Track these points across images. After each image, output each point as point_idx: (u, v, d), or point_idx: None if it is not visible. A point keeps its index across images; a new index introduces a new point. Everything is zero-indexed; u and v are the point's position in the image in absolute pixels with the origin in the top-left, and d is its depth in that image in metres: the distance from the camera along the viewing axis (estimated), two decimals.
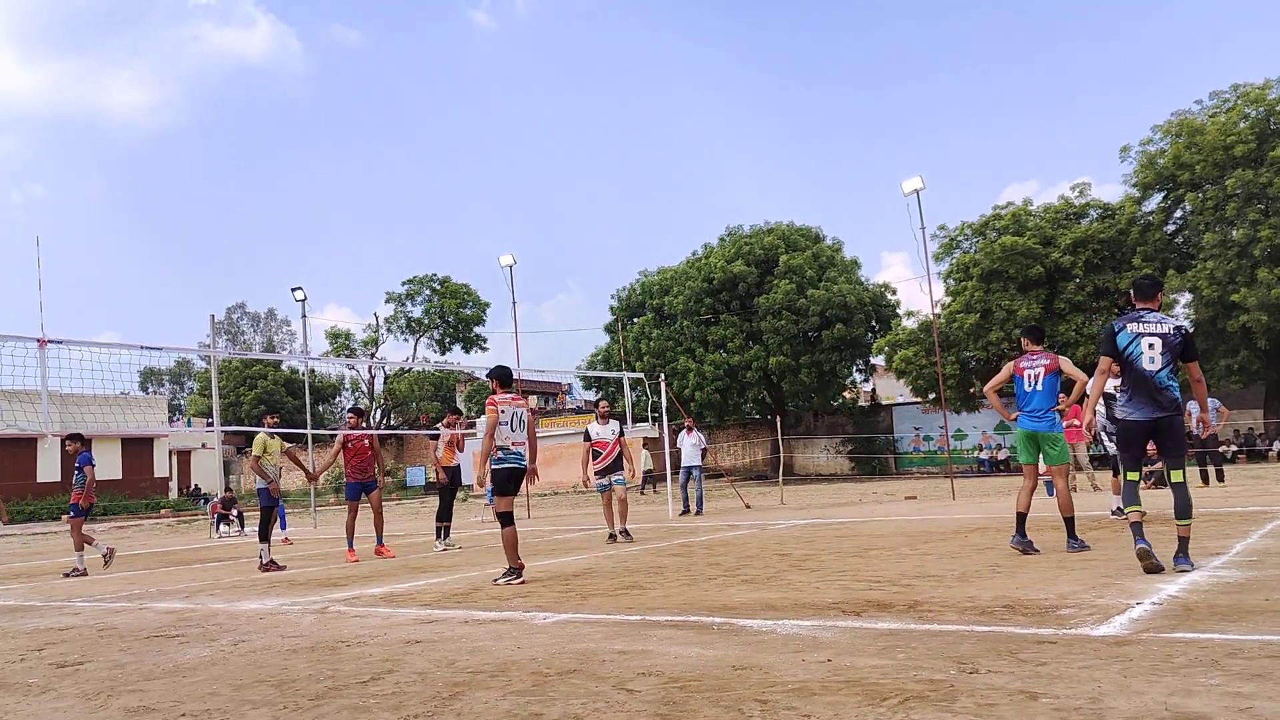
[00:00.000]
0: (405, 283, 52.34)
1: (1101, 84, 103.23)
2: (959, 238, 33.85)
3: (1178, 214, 30.70)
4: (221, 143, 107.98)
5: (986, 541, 9.06)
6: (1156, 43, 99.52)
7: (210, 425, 41.80)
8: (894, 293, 39.61)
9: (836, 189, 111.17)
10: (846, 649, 4.35)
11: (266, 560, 10.92)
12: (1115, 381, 8.26)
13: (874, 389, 47.82)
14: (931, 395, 33.98)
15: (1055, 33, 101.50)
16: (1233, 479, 18.18)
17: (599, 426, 12.13)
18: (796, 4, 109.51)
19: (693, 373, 37.44)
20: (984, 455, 35.66)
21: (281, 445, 11.68)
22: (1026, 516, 7.91)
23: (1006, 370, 8.22)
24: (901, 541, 9.56)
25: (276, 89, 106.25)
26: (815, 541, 10.17)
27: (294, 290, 27.18)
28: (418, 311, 52.56)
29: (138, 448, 42.95)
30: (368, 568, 10.37)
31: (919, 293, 65.36)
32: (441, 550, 12.31)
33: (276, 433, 11.74)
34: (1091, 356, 27.77)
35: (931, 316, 26.38)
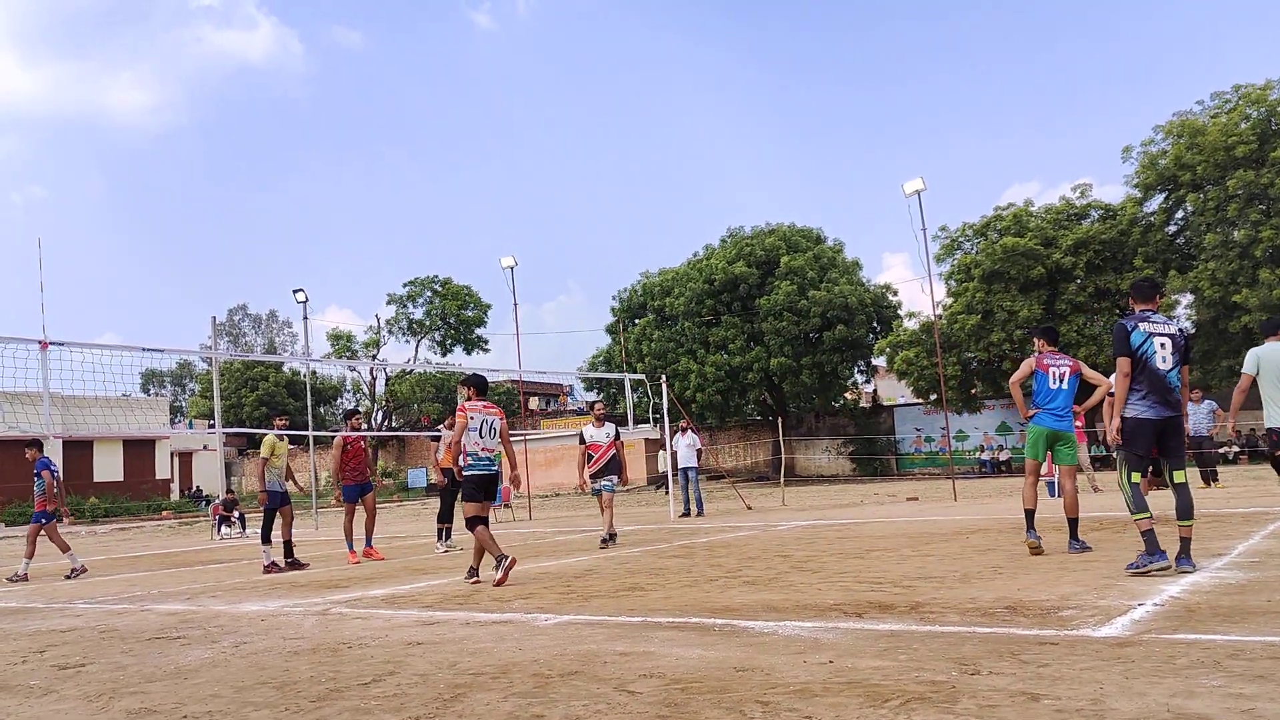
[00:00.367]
0: (406, 284, 52.39)
1: (1102, 84, 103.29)
2: (960, 239, 33.85)
3: (1179, 215, 30.70)
4: (223, 144, 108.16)
5: (988, 543, 9.06)
6: (1157, 43, 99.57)
7: (212, 427, 41.81)
8: (895, 294, 39.64)
9: (837, 190, 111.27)
10: (848, 650, 4.35)
11: (269, 561, 10.92)
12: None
13: (875, 390, 47.81)
14: (933, 396, 33.97)
15: (1056, 33, 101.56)
16: (1234, 480, 18.16)
17: (594, 429, 11.98)
18: (797, 4, 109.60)
19: (694, 374, 37.45)
20: (985, 456, 35.64)
21: (286, 448, 11.70)
22: (1035, 512, 7.92)
23: (1028, 366, 8.11)
24: (903, 543, 9.56)
25: (278, 90, 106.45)
26: (817, 543, 10.16)
27: (295, 292, 27.20)
28: (419, 313, 52.59)
29: (139, 449, 42.97)
30: (369, 569, 10.37)
31: (920, 294, 65.37)
32: (443, 552, 12.31)
33: (285, 434, 11.76)
34: (1092, 357, 27.77)
35: (933, 317, 26.37)
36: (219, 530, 21.10)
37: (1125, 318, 6.65)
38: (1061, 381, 7.96)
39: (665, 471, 27.32)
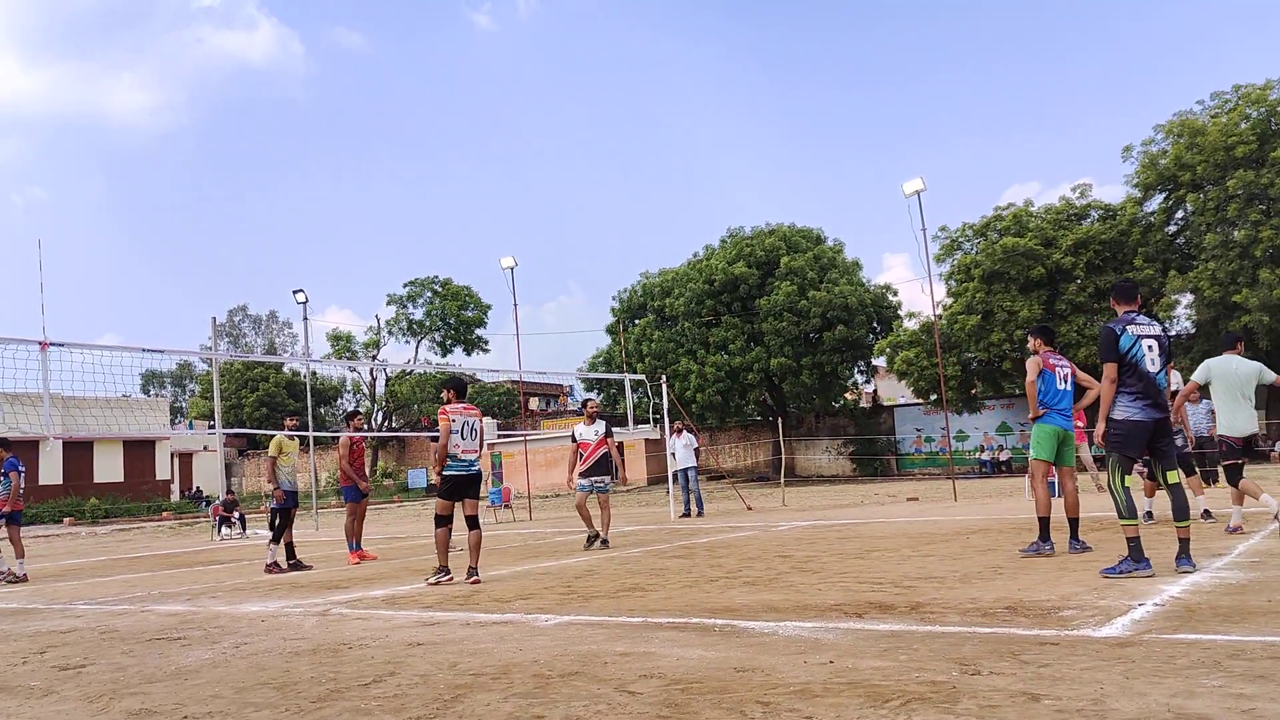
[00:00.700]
0: (406, 285, 52.38)
1: (1102, 84, 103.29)
2: (960, 239, 33.86)
3: (1179, 215, 30.71)
4: (223, 145, 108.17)
5: (988, 543, 9.06)
6: (1158, 43, 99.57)
7: (212, 428, 41.80)
8: (895, 294, 39.63)
9: (838, 190, 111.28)
10: (848, 651, 4.35)
11: (271, 561, 10.90)
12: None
13: (875, 390, 47.81)
14: (933, 396, 33.97)
15: (1056, 33, 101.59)
16: None
17: (584, 427, 11.73)
18: (797, 6, 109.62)
19: (694, 374, 37.44)
20: (986, 457, 35.63)
21: (297, 448, 11.72)
22: (1050, 518, 7.91)
23: (1037, 366, 8.08)
24: (903, 543, 9.56)
25: (278, 91, 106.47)
26: (817, 543, 10.16)
27: (295, 292, 27.22)
28: (419, 313, 52.60)
29: (139, 450, 42.99)
30: (369, 570, 10.37)
31: (920, 294, 65.35)
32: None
33: (296, 436, 11.77)
34: (1093, 358, 27.77)
35: (933, 318, 26.37)
36: (219, 531, 21.11)
37: (1112, 321, 6.61)
38: (1066, 382, 8.00)
39: (675, 471, 27.24)
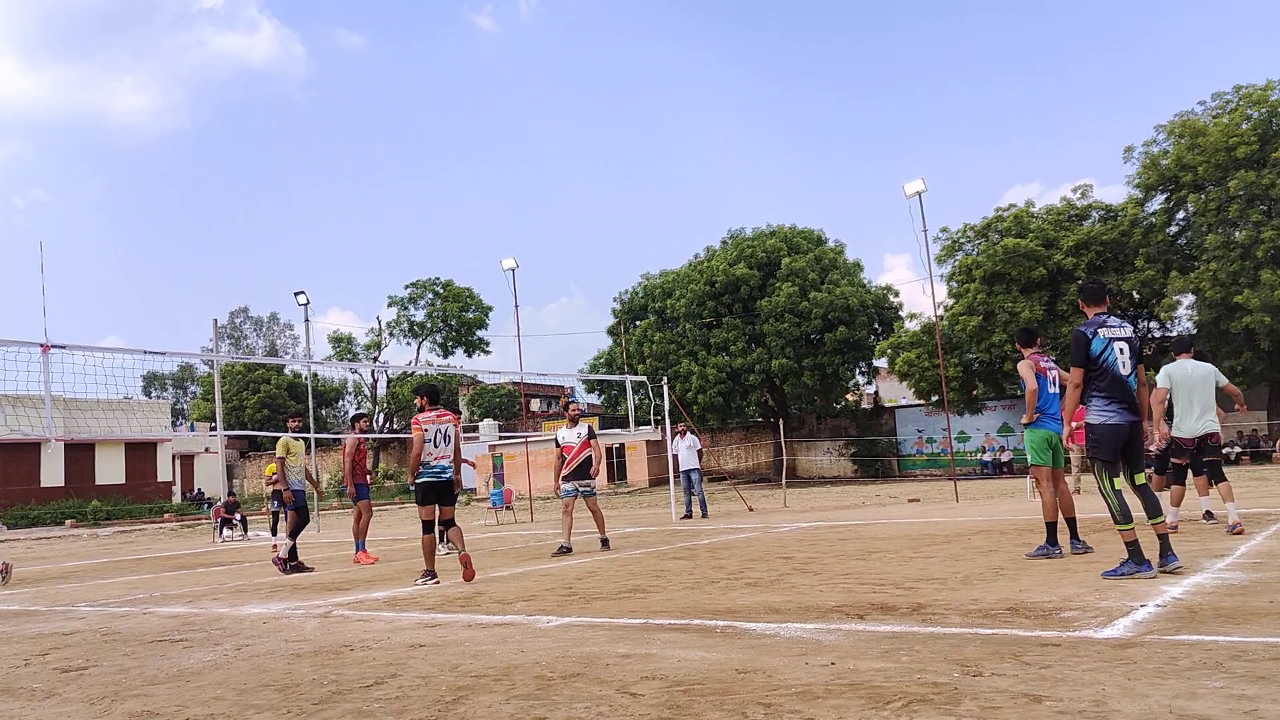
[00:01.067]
0: (408, 286, 52.46)
1: (1104, 85, 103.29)
2: (961, 240, 33.87)
3: (1180, 215, 30.72)
4: (224, 147, 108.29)
5: (990, 544, 9.05)
6: (1159, 44, 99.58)
7: (213, 429, 41.80)
8: (896, 295, 39.69)
9: (838, 191, 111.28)
10: (850, 652, 4.35)
11: (284, 553, 10.88)
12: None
13: (876, 391, 47.82)
14: (934, 397, 33.96)
15: (1057, 34, 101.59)
16: (1236, 481, 18.13)
17: (566, 430, 11.51)
18: (798, 9, 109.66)
19: (695, 376, 37.44)
20: (987, 457, 35.62)
21: (303, 448, 11.73)
22: (1058, 522, 7.88)
23: (1032, 369, 8.07)
24: (905, 544, 9.55)
25: (280, 93, 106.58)
26: (818, 544, 10.16)
27: (297, 294, 27.23)
28: (420, 315, 52.64)
29: (141, 452, 43.00)
30: (371, 572, 10.38)
31: (921, 295, 65.49)
32: (444, 554, 12.31)
33: (301, 437, 11.78)
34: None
35: (934, 319, 26.37)
36: (221, 533, 21.11)
37: (1083, 324, 6.56)
38: (1055, 384, 7.95)
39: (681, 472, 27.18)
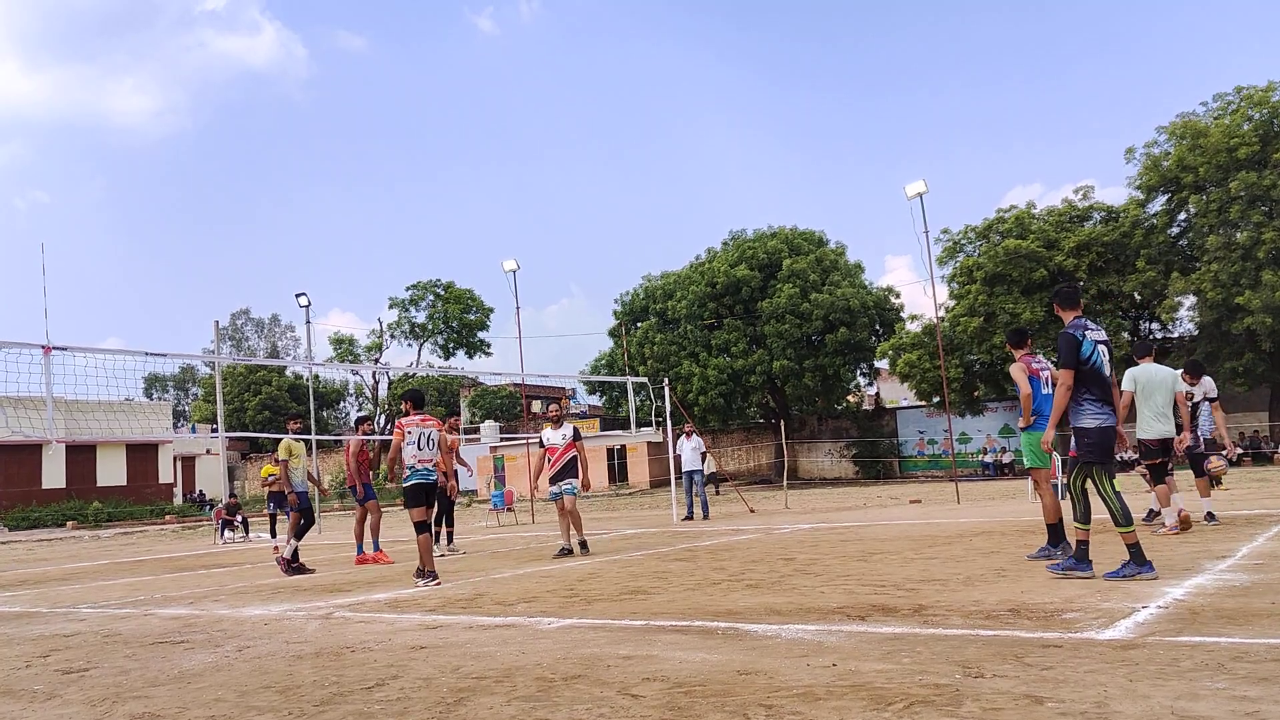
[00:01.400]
0: (409, 288, 52.49)
1: (1105, 87, 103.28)
2: (962, 241, 33.85)
3: (1181, 216, 30.69)
4: (225, 149, 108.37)
5: (991, 545, 9.04)
6: (1160, 45, 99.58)
7: (214, 431, 41.80)
8: (898, 296, 39.66)
9: (840, 193, 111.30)
10: (851, 653, 4.34)
11: (289, 554, 10.88)
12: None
13: (878, 393, 47.79)
14: (935, 399, 33.95)
15: (1058, 36, 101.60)
16: (1237, 482, 18.13)
17: (551, 431, 11.41)
18: (799, 10, 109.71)
19: (696, 377, 37.44)
20: (988, 459, 35.59)
21: (303, 449, 11.73)
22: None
23: (1025, 372, 8.03)
24: (906, 546, 9.55)
25: (281, 95, 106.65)
26: (819, 546, 10.15)
27: (298, 296, 27.23)
28: (421, 317, 52.68)
29: (142, 454, 43.01)
30: (372, 573, 10.38)
31: (923, 296, 65.55)
32: (439, 555, 12.31)
33: (301, 439, 11.78)
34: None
35: (935, 320, 26.36)
36: (222, 534, 21.11)
37: (1069, 327, 6.51)
38: (1049, 385, 7.88)
39: (712, 472, 27.12)
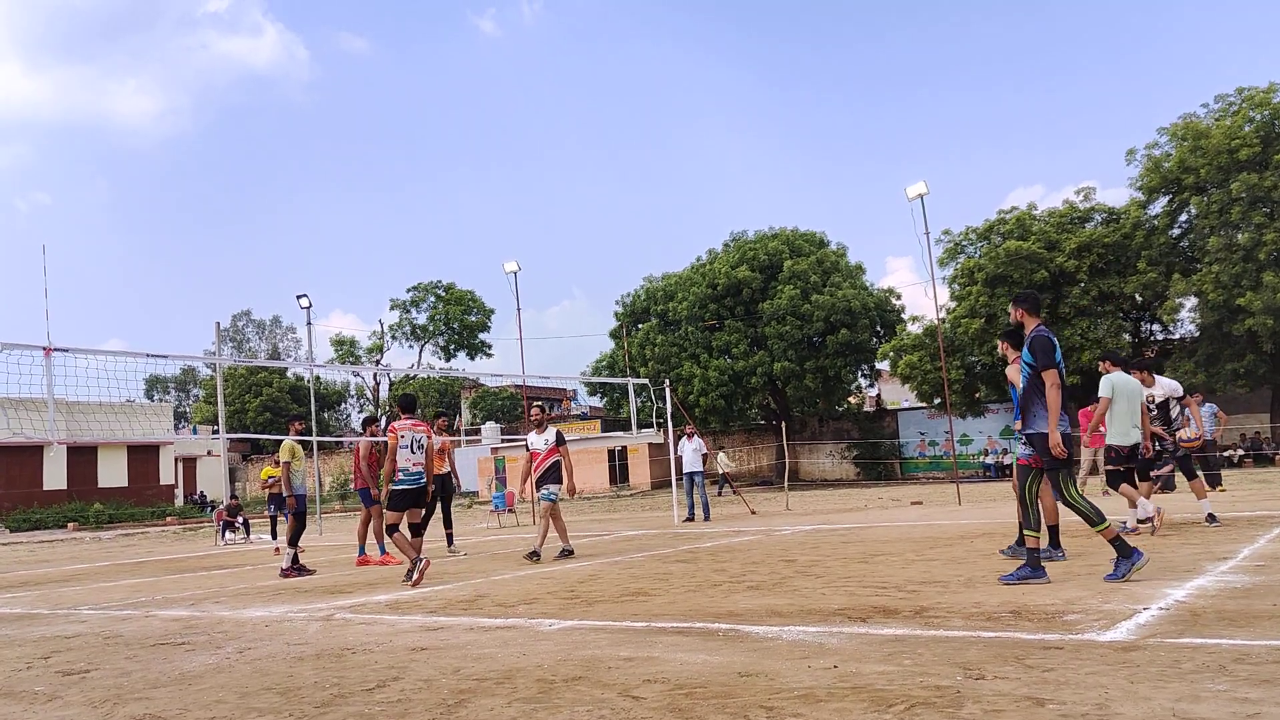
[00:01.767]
0: (410, 289, 52.55)
1: (1106, 88, 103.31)
2: (963, 242, 33.83)
3: (1183, 218, 30.68)
4: (227, 150, 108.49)
5: (993, 547, 9.03)
6: (1161, 46, 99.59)
7: (216, 432, 41.82)
8: (899, 297, 39.67)
9: (841, 194, 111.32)
10: (852, 655, 4.34)
11: (288, 566, 10.86)
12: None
13: (879, 394, 47.79)
14: (937, 400, 33.93)
15: (1059, 37, 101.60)
16: (1239, 483, 18.12)
17: (535, 435, 11.14)
18: (800, 12, 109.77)
19: (697, 378, 37.44)
20: (989, 460, 35.58)
21: (302, 451, 11.74)
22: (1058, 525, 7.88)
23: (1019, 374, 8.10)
24: (907, 547, 9.54)
25: (283, 96, 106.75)
26: (821, 547, 10.15)
27: (299, 297, 27.27)
28: (423, 318, 52.71)
29: (143, 455, 43.03)
30: (373, 575, 10.38)
31: (924, 297, 65.50)
32: (450, 556, 12.33)
33: (301, 440, 11.78)
34: (1097, 361, 27.73)
35: (936, 321, 26.35)
36: (223, 536, 21.12)
37: (1041, 329, 6.55)
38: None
39: (723, 473, 27.10)
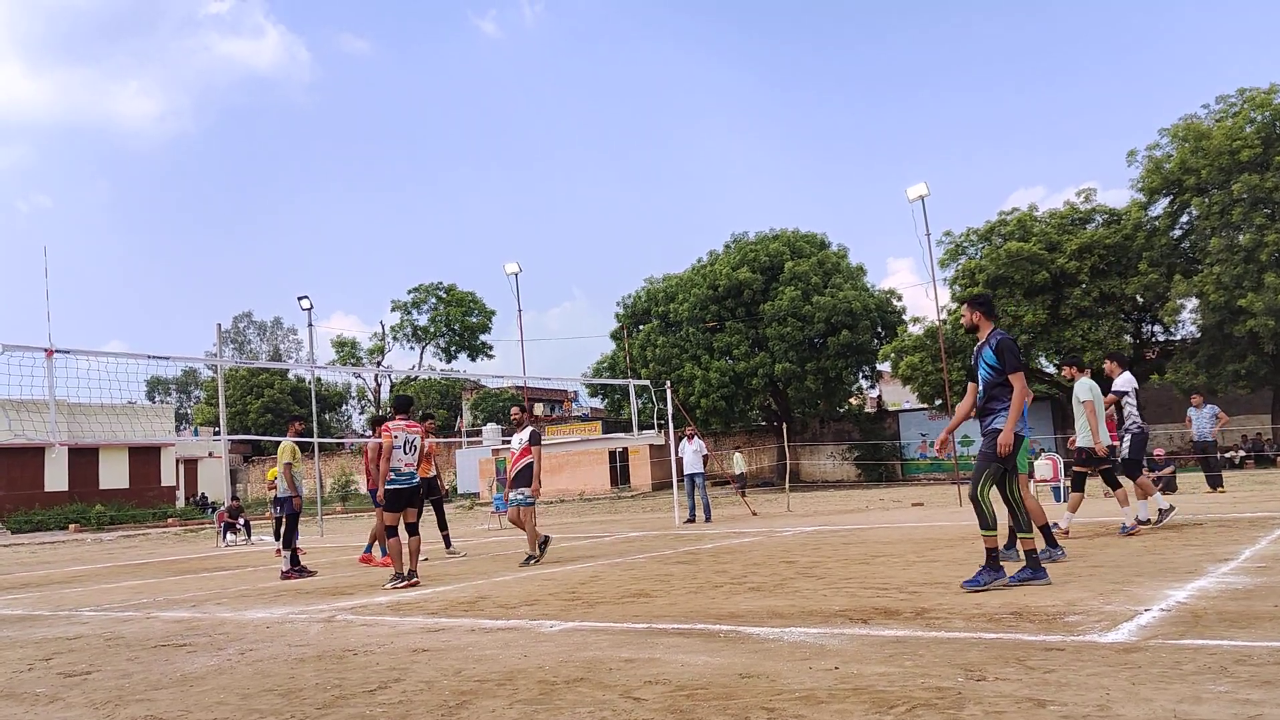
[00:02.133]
0: (411, 291, 52.57)
1: (1107, 89, 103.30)
2: (964, 244, 33.83)
3: (1184, 219, 30.67)
4: (229, 151, 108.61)
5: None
6: (1163, 48, 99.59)
7: (217, 434, 41.81)
8: (900, 299, 39.64)
9: (842, 195, 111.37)
10: (853, 656, 4.34)
11: (288, 568, 10.85)
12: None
13: (880, 395, 47.77)
14: (938, 401, 33.91)
15: (1061, 38, 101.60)
16: (1240, 485, 18.10)
17: (514, 436, 10.83)
18: (801, 13, 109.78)
19: (698, 380, 37.43)
20: None
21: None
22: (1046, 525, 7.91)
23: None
24: (908, 548, 9.54)
25: (284, 98, 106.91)
26: (822, 549, 10.15)
27: (300, 299, 27.29)
28: (424, 319, 52.73)
29: (145, 457, 43.05)
30: (375, 576, 10.37)
31: (924, 299, 65.52)
32: (425, 560, 12.23)
33: (300, 441, 11.78)
34: (1099, 362, 27.69)
35: (937, 322, 26.34)
36: (224, 537, 21.13)
37: (1004, 333, 6.63)
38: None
39: (742, 473, 27.08)
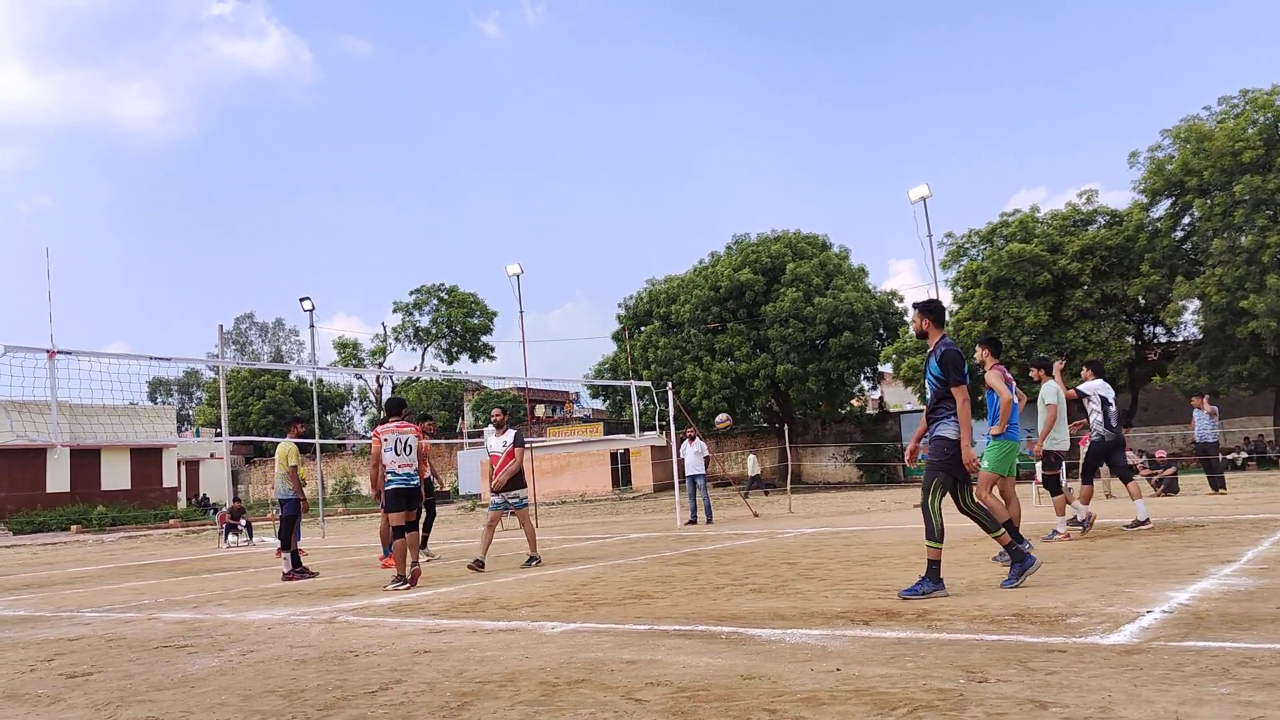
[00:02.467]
0: (413, 292, 52.60)
1: (1109, 90, 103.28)
2: (966, 245, 33.81)
3: (1186, 220, 30.64)
4: (231, 153, 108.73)
5: (995, 550, 9.02)
6: (1165, 49, 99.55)
7: (218, 435, 41.90)
8: (901, 300, 39.60)
9: (843, 197, 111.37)
10: (855, 658, 4.34)
11: (289, 570, 10.85)
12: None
13: (882, 397, 47.76)
14: None
15: (1063, 40, 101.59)
16: (1242, 486, 18.08)
17: (494, 438, 10.62)
18: (803, 15, 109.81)
19: (700, 381, 37.42)
20: None
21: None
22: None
23: (1002, 379, 8.16)
24: (910, 550, 9.53)
25: (286, 100, 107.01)
26: (823, 550, 10.14)
27: (302, 300, 27.31)
28: (425, 321, 52.76)
29: (146, 458, 43.08)
30: (375, 577, 10.37)
31: None
32: (424, 561, 12.22)
33: (299, 443, 11.78)
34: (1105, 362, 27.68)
35: None
36: (226, 538, 21.14)
37: (950, 343, 6.56)
38: (1016, 396, 8.04)
39: (757, 474, 27.02)
